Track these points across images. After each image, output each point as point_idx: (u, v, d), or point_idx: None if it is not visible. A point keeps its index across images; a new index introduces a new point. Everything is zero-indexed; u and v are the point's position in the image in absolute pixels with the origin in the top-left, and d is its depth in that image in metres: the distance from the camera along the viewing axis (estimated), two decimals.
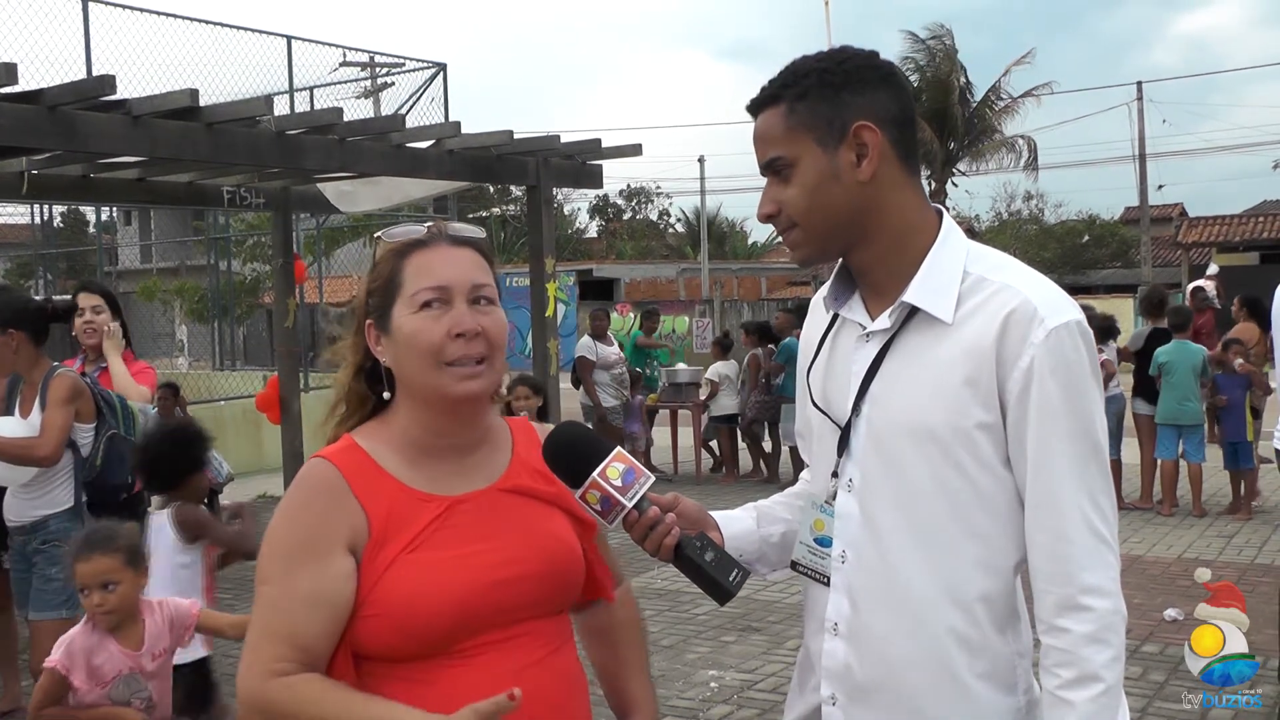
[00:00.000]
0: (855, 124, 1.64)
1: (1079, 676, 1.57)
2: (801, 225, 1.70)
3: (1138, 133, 31.97)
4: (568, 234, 45.52)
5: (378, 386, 1.76)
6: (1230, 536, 8.40)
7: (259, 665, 1.60)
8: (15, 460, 4.32)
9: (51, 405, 4.34)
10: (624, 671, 1.89)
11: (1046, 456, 1.60)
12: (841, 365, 1.77)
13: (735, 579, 1.72)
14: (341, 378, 1.79)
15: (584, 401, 11.30)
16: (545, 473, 1.76)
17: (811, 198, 1.67)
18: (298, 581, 1.61)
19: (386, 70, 18.38)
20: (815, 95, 1.66)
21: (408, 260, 1.70)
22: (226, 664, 6.05)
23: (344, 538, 1.63)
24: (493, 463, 1.77)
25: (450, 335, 1.66)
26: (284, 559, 1.64)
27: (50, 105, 6.44)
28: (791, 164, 1.67)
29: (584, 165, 10.50)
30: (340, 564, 1.62)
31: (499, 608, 1.66)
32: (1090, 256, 36.22)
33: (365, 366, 1.77)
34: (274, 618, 1.61)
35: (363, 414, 1.78)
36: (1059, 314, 1.61)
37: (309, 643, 1.60)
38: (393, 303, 1.69)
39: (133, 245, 38.40)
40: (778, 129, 1.69)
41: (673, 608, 6.83)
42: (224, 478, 10.02)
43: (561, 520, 1.78)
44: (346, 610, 1.62)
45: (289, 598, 1.61)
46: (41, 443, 4.30)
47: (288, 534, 1.65)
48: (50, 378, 4.39)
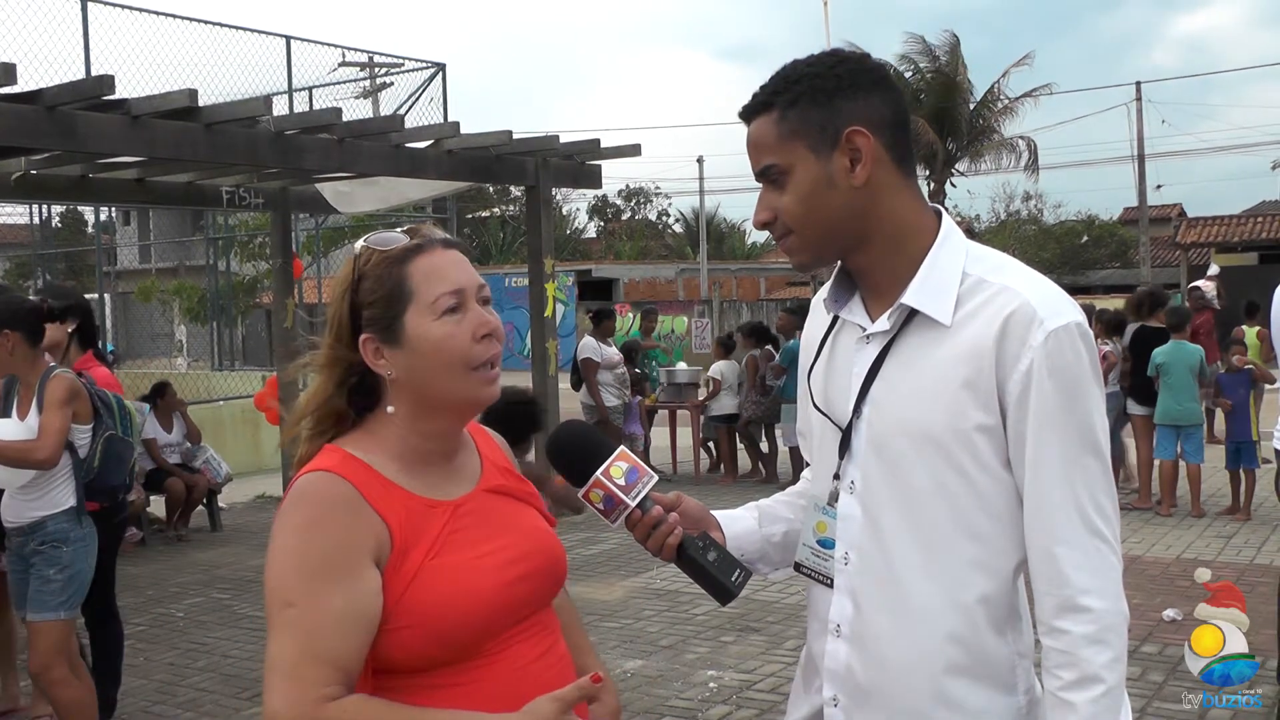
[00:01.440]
0: (848, 129, 1.64)
1: (1080, 678, 1.57)
2: (798, 232, 1.69)
3: (1136, 133, 32.02)
4: (566, 234, 45.51)
5: (359, 400, 1.70)
6: (1229, 537, 8.40)
7: (309, 693, 1.50)
8: (14, 463, 4.30)
9: (49, 407, 4.32)
10: (578, 654, 1.87)
11: (1046, 458, 1.60)
12: (842, 367, 1.77)
13: (738, 579, 1.72)
14: (321, 393, 1.70)
15: (585, 402, 11.30)
16: (511, 469, 1.81)
17: (806, 204, 1.67)
18: (330, 601, 1.53)
19: (385, 70, 18.39)
20: (807, 102, 1.65)
21: (410, 266, 1.65)
22: (227, 664, 6.07)
23: (369, 551, 1.57)
24: (470, 465, 1.77)
25: (476, 337, 1.64)
26: (311, 578, 1.54)
27: (49, 105, 6.44)
28: (785, 171, 1.67)
29: (583, 165, 10.51)
30: (370, 578, 1.56)
31: (516, 605, 1.66)
32: (1089, 257, 36.26)
33: (349, 381, 1.69)
34: (311, 641, 1.52)
35: (337, 430, 1.71)
36: (1058, 316, 1.61)
37: (348, 664, 1.53)
38: (402, 312, 1.64)
39: (132, 245, 38.39)
40: (770, 137, 1.68)
41: (671, 608, 6.83)
42: (222, 478, 10.03)
43: (537, 514, 1.81)
44: (376, 625, 1.56)
45: (323, 618, 1.52)
46: (40, 445, 4.29)
47: (310, 551, 1.56)
48: (47, 379, 4.37)
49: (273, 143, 7.76)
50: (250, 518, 10.39)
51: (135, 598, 7.60)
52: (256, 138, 7.66)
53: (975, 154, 31.94)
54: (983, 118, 31.67)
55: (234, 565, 8.51)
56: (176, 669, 6.05)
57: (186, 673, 5.97)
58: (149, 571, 8.44)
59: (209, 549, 9.25)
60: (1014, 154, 31.78)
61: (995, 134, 31.76)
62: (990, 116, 31.67)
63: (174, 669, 6.05)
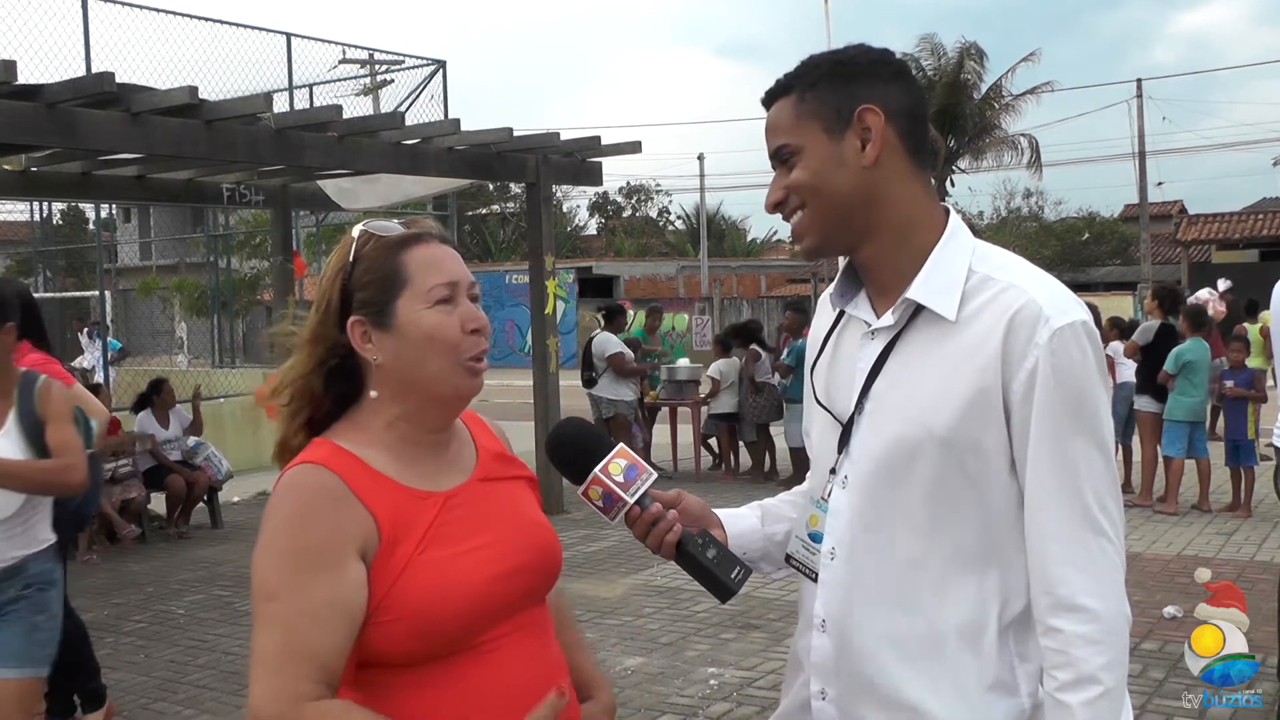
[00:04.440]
0: (860, 108, 1.65)
1: (1076, 679, 1.55)
2: (808, 208, 1.69)
3: (1137, 130, 31.97)
4: (567, 231, 45.49)
5: (336, 385, 1.70)
6: (1230, 534, 8.41)
7: (287, 690, 1.49)
8: (44, 489, 3.64)
9: (60, 421, 3.67)
10: (570, 651, 1.86)
11: (1049, 455, 1.59)
12: (845, 362, 1.77)
13: (737, 576, 1.72)
14: (298, 369, 1.70)
15: (606, 396, 11.29)
16: (506, 454, 1.81)
17: (816, 181, 1.67)
18: (314, 594, 1.52)
19: (386, 68, 18.35)
20: (826, 85, 1.67)
21: (407, 255, 1.66)
22: (227, 661, 6.07)
23: (355, 544, 1.56)
24: (464, 455, 1.76)
25: (466, 330, 1.65)
26: (294, 572, 1.54)
27: (50, 102, 6.43)
28: (797, 151, 1.68)
29: (583, 162, 10.51)
30: (355, 572, 1.55)
31: (506, 600, 1.64)
32: (1090, 254, 36.21)
33: (330, 363, 1.69)
34: (292, 636, 1.51)
35: (311, 412, 1.70)
36: (1064, 314, 1.60)
37: (330, 660, 1.52)
38: (395, 297, 1.65)
39: (132, 242, 38.41)
40: (787, 118, 1.69)
41: (672, 605, 6.83)
42: (223, 474, 10.03)
43: (533, 505, 1.80)
44: (360, 620, 1.56)
45: (306, 613, 1.52)
46: (74, 465, 3.61)
47: (294, 545, 1.55)
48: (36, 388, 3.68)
49: (273, 140, 7.76)
50: (251, 514, 10.37)
51: (136, 595, 7.62)
52: (257, 135, 7.66)
53: (977, 151, 31.92)
54: (984, 114, 31.64)
55: (235, 562, 8.51)
56: (177, 666, 6.05)
57: (187, 669, 5.97)
58: (149, 568, 8.45)
59: (210, 546, 9.25)
60: (1016, 151, 31.77)
61: (998, 130, 31.74)
62: (992, 113, 31.65)
63: (175, 666, 6.05)
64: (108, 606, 7.29)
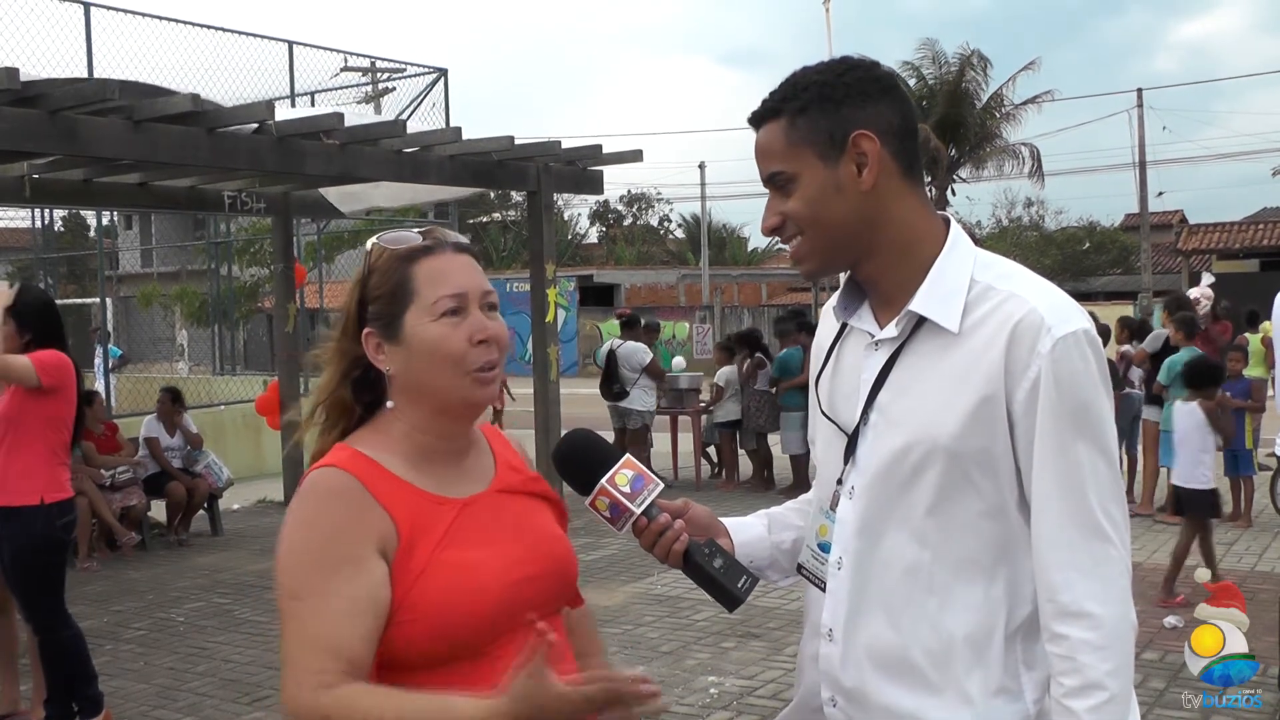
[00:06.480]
0: (854, 133, 1.64)
1: (1081, 685, 1.55)
2: (807, 234, 1.69)
3: (1138, 139, 31.98)
4: (568, 239, 45.55)
5: (364, 395, 1.74)
6: (1230, 544, 8.39)
7: (307, 679, 1.53)
8: None
9: None
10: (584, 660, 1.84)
11: (1054, 464, 1.59)
12: (849, 373, 1.77)
13: (744, 585, 1.72)
14: (326, 384, 1.75)
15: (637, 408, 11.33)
16: (524, 469, 1.82)
17: (814, 210, 1.67)
18: (336, 590, 1.55)
19: (387, 75, 18.39)
20: (816, 109, 1.66)
21: (416, 267, 1.68)
22: (227, 669, 6.06)
23: (374, 543, 1.59)
24: (482, 466, 1.78)
25: (473, 342, 1.66)
26: (316, 569, 1.57)
27: (52, 110, 6.44)
28: (793, 178, 1.67)
29: (585, 171, 10.53)
30: (377, 569, 1.58)
31: (521, 606, 1.64)
32: (1090, 263, 36.18)
33: (353, 374, 1.74)
34: (314, 630, 1.54)
35: (346, 423, 1.75)
36: (1067, 323, 1.60)
37: (354, 653, 1.54)
38: (404, 310, 1.67)
39: (134, 250, 38.40)
40: (779, 144, 1.68)
41: (672, 613, 6.83)
42: (223, 482, 10.03)
43: (550, 517, 1.81)
44: (385, 617, 1.57)
45: (328, 608, 1.55)
46: None
47: (315, 544, 1.59)
48: None
49: (275, 148, 7.77)
50: (251, 522, 10.35)
51: (136, 602, 7.61)
52: (259, 143, 7.67)
53: (978, 160, 31.94)
54: (986, 124, 31.67)
55: (235, 570, 8.50)
56: (176, 673, 6.04)
57: (186, 677, 5.97)
58: (149, 576, 8.44)
59: (210, 553, 9.23)
60: (1017, 160, 31.79)
61: (999, 140, 31.77)
62: (993, 123, 31.68)
63: (174, 673, 6.05)
64: (107, 614, 7.29)
